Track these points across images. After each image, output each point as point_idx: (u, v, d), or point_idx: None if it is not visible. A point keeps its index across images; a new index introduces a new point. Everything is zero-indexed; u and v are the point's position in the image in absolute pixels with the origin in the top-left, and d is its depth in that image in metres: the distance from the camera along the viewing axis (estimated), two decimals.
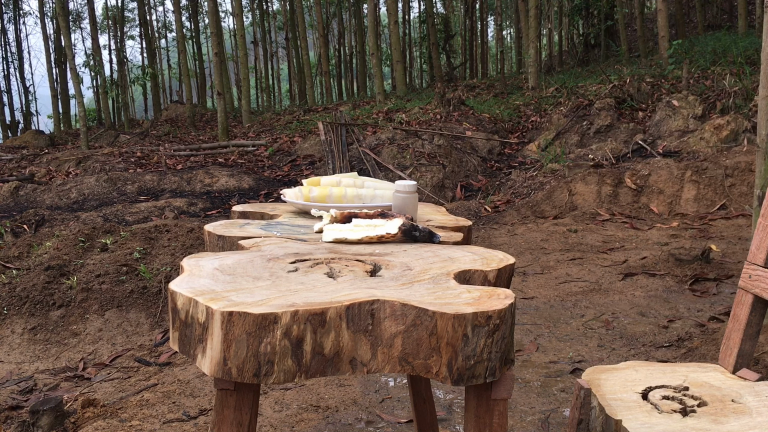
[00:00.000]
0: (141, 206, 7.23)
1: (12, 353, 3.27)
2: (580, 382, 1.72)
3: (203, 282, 0.93)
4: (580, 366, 2.69)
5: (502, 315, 0.84)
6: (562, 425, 2.21)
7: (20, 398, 2.75)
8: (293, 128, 12.64)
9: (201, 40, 27.59)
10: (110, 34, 28.81)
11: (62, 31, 15.20)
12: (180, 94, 26.02)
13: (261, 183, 8.79)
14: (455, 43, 22.25)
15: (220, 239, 1.25)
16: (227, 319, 0.79)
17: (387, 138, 9.66)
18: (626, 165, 6.55)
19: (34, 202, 8.17)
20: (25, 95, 25.42)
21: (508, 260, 1.12)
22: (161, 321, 3.49)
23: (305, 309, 0.81)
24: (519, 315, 3.39)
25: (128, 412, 2.42)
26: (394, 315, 0.84)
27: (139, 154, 11.11)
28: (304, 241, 1.22)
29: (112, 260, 3.86)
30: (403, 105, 12.97)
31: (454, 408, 2.38)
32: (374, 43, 16.56)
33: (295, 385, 2.60)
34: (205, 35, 28.42)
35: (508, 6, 27.05)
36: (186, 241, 4.10)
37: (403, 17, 25.76)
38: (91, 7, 21.68)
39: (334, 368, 0.83)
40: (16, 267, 4.06)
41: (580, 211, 5.81)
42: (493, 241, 5.10)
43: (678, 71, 9.46)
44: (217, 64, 13.95)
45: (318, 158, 9.81)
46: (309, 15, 28.24)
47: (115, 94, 23.12)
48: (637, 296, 3.59)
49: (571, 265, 4.28)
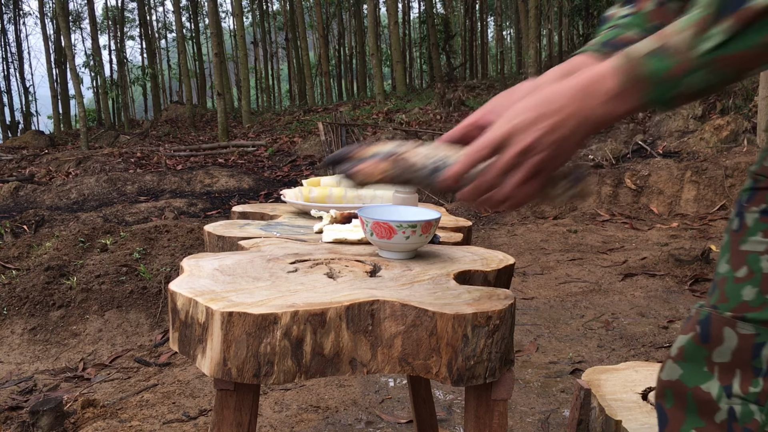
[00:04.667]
0: (141, 207, 7.23)
1: (12, 353, 3.27)
2: (580, 382, 1.72)
3: (203, 282, 0.93)
4: (580, 366, 2.69)
5: (502, 315, 0.84)
6: (562, 425, 2.21)
7: (20, 398, 2.75)
8: (293, 129, 12.65)
9: (201, 41, 27.60)
10: (110, 34, 28.82)
11: (62, 31, 15.21)
12: (180, 94, 26.04)
13: (261, 183, 8.80)
14: (455, 44, 22.25)
15: (219, 240, 1.25)
16: (227, 320, 0.79)
17: (387, 138, 9.66)
18: (626, 165, 6.55)
19: (34, 202, 8.17)
20: (25, 95, 25.42)
21: (508, 261, 1.12)
22: (161, 321, 3.49)
23: (305, 309, 0.81)
24: (519, 315, 3.39)
25: (128, 413, 2.42)
26: (394, 315, 0.84)
27: (139, 154, 11.11)
28: (303, 241, 1.22)
29: (112, 260, 3.86)
30: (403, 105, 12.97)
31: (454, 408, 2.38)
32: (374, 43, 16.57)
33: (295, 386, 2.60)
34: (205, 35, 28.43)
35: (508, 6, 27.06)
36: (186, 242, 4.10)
37: (403, 17, 25.78)
38: (91, 8, 21.69)
39: (334, 369, 0.83)
40: (16, 267, 4.06)
41: (580, 212, 5.81)
42: (493, 242, 5.10)
43: None
44: (217, 65, 13.95)
45: (318, 158, 9.81)
46: (309, 15, 28.24)
47: (115, 95, 23.14)
48: (637, 297, 3.59)
49: (571, 266, 4.28)
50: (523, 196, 0.78)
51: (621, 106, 0.74)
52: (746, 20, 0.64)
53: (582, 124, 0.75)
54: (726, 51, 0.66)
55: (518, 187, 0.77)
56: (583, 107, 0.74)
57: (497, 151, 0.77)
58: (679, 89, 0.71)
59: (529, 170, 0.76)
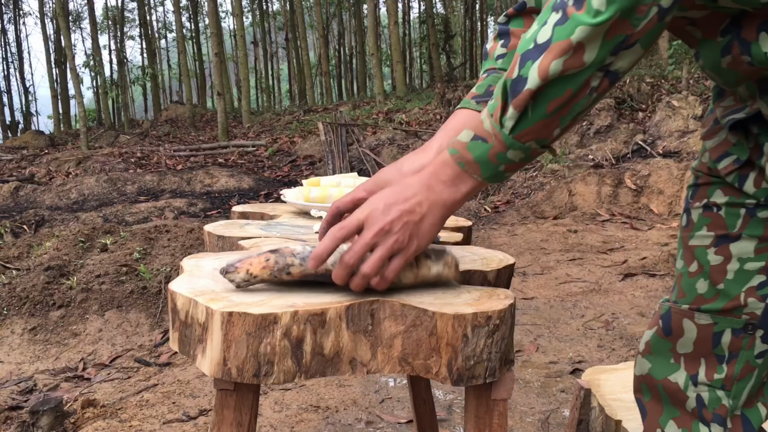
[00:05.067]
0: (141, 206, 7.23)
1: (12, 353, 3.27)
2: (580, 382, 1.72)
3: (203, 282, 0.93)
4: (580, 366, 2.69)
5: (502, 315, 0.84)
6: (562, 425, 2.21)
7: (20, 398, 2.75)
8: (293, 129, 12.64)
9: (201, 41, 27.60)
10: (110, 34, 28.83)
11: (62, 31, 15.22)
12: (180, 94, 26.06)
13: (261, 183, 8.80)
14: (455, 44, 22.26)
15: (219, 239, 1.25)
16: (227, 320, 0.79)
17: (387, 138, 9.67)
18: (626, 165, 6.56)
19: (34, 202, 8.17)
20: (25, 95, 25.43)
21: (508, 260, 1.12)
22: (161, 321, 3.49)
23: (305, 309, 0.81)
24: (519, 315, 3.39)
25: (128, 413, 2.42)
26: (393, 315, 0.84)
27: (139, 154, 11.12)
28: (304, 241, 1.22)
29: (112, 260, 3.86)
30: (403, 105, 12.97)
31: (454, 408, 2.38)
32: (374, 43, 16.57)
33: (295, 386, 2.60)
34: (205, 35, 28.42)
35: (508, 6, 27.05)
36: (186, 242, 4.11)
37: (403, 17, 25.78)
38: (91, 8, 21.69)
39: (334, 369, 0.83)
40: (16, 267, 4.06)
41: (580, 212, 5.81)
42: (493, 242, 5.10)
43: (678, 71, 9.46)
44: (217, 65, 13.96)
45: (318, 158, 9.81)
46: (309, 15, 28.24)
47: (115, 95, 23.13)
48: (636, 296, 3.59)
49: (571, 266, 4.28)
50: (391, 271, 0.84)
51: (463, 187, 0.85)
52: (522, 104, 0.76)
53: (434, 207, 0.85)
54: (523, 127, 0.78)
55: (381, 261, 0.83)
56: (431, 192, 0.85)
57: (358, 232, 0.85)
58: (504, 164, 0.81)
59: (389, 248, 0.83)
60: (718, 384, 0.96)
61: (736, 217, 0.94)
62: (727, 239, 0.95)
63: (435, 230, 0.86)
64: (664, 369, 1.00)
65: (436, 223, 0.86)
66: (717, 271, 0.95)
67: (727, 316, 0.94)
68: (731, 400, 0.96)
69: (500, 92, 0.79)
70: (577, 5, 0.72)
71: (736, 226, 0.94)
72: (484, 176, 0.83)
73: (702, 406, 0.97)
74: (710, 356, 0.96)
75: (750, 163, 0.93)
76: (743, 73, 0.86)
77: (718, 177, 0.98)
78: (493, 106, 0.80)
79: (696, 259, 0.99)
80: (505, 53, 1.09)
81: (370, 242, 0.83)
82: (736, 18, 0.84)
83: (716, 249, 0.96)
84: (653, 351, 1.02)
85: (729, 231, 0.95)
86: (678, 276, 1.03)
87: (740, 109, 0.92)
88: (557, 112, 0.76)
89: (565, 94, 0.75)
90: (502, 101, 0.78)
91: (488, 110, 0.81)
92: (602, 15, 0.70)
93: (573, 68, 0.73)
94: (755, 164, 0.92)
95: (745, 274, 0.93)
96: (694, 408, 0.97)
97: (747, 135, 0.93)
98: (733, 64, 0.85)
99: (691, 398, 0.97)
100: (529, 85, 0.74)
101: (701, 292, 0.97)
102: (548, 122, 0.77)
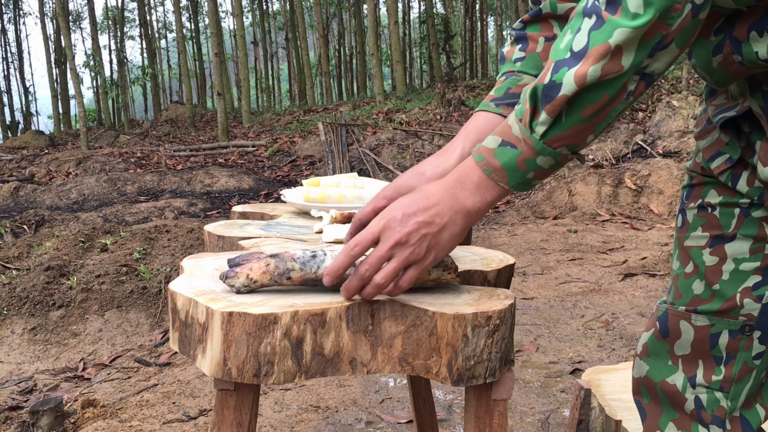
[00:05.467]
0: (141, 206, 7.23)
1: (12, 353, 3.27)
2: (580, 382, 1.72)
3: (203, 282, 0.93)
4: (580, 366, 2.69)
5: (502, 315, 0.84)
6: (562, 425, 2.21)
7: (20, 398, 2.75)
8: (293, 129, 12.64)
9: (201, 41, 27.60)
10: (110, 34, 28.84)
11: (62, 31, 15.22)
12: (180, 94, 26.06)
13: (261, 183, 8.80)
14: (455, 44, 22.26)
15: (220, 239, 1.25)
16: (227, 320, 0.79)
17: (387, 138, 9.67)
18: (626, 165, 6.56)
19: (34, 202, 8.17)
20: (25, 95, 25.44)
21: (508, 260, 1.12)
22: (161, 321, 3.49)
23: (305, 309, 0.81)
24: (519, 315, 3.39)
25: (128, 413, 2.42)
26: (394, 315, 0.84)
27: (139, 154, 11.12)
28: (303, 241, 1.22)
29: (112, 260, 3.86)
30: (403, 105, 12.98)
31: (454, 408, 2.38)
32: (374, 43, 16.58)
33: (295, 386, 2.60)
34: (205, 35, 28.43)
35: (508, 6, 27.05)
36: (186, 242, 4.11)
37: (403, 17, 25.78)
38: (91, 8, 21.69)
39: (334, 368, 0.83)
40: (16, 267, 4.06)
41: (580, 212, 5.81)
42: (493, 242, 5.10)
43: (678, 72, 9.46)
44: (217, 65, 13.96)
45: (318, 158, 9.81)
46: (309, 15, 28.24)
47: (115, 95, 23.13)
48: (637, 296, 3.59)
49: (571, 266, 4.28)
50: (405, 281, 0.84)
51: (488, 195, 0.83)
52: (557, 109, 0.75)
53: (456, 216, 0.83)
54: (556, 132, 0.76)
55: (396, 273, 0.82)
56: (454, 200, 0.83)
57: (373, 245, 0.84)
58: (533, 171, 0.80)
59: (404, 259, 0.82)
60: (717, 385, 0.96)
61: (730, 217, 0.94)
62: (722, 239, 0.95)
63: (455, 241, 0.84)
64: (662, 371, 1.00)
65: (457, 233, 0.84)
66: (712, 272, 0.95)
67: (724, 317, 0.94)
68: (730, 402, 0.96)
69: (529, 97, 0.77)
70: (611, 9, 0.71)
71: (730, 226, 0.94)
72: (511, 184, 0.81)
73: (700, 407, 0.97)
74: (708, 358, 0.96)
75: (742, 161, 0.92)
76: (734, 73, 0.86)
77: (712, 177, 0.97)
78: (521, 111, 0.79)
79: (691, 259, 0.98)
80: (523, 56, 1.08)
81: (386, 255, 0.82)
82: (729, 17, 0.84)
83: (711, 249, 0.96)
84: (651, 353, 1.01)
85: (724, 231, 0.95)
86: (674, 277, 1.03)
87: (731, 107, 0.92)
88: (593, 117, 0.75)
89: (602, 100, 0.74)
90: (531, 106, 0.77)
91: (516, 115, 0.79)
92: (641, 17, 0.69)
93: (611, 73, 0.72)
94: (748, 163, 0.92)
95: (740, 274, 0.93)
96: (693, 410, 0.97)
97: (739, 133, 0.93)
98: (724, 63, 0.85)
99: (690, 400, 0.97)
100: (564, 91, 0.73)
101: (697, 293, 0.97)
102: (583, 128, 0.76)
